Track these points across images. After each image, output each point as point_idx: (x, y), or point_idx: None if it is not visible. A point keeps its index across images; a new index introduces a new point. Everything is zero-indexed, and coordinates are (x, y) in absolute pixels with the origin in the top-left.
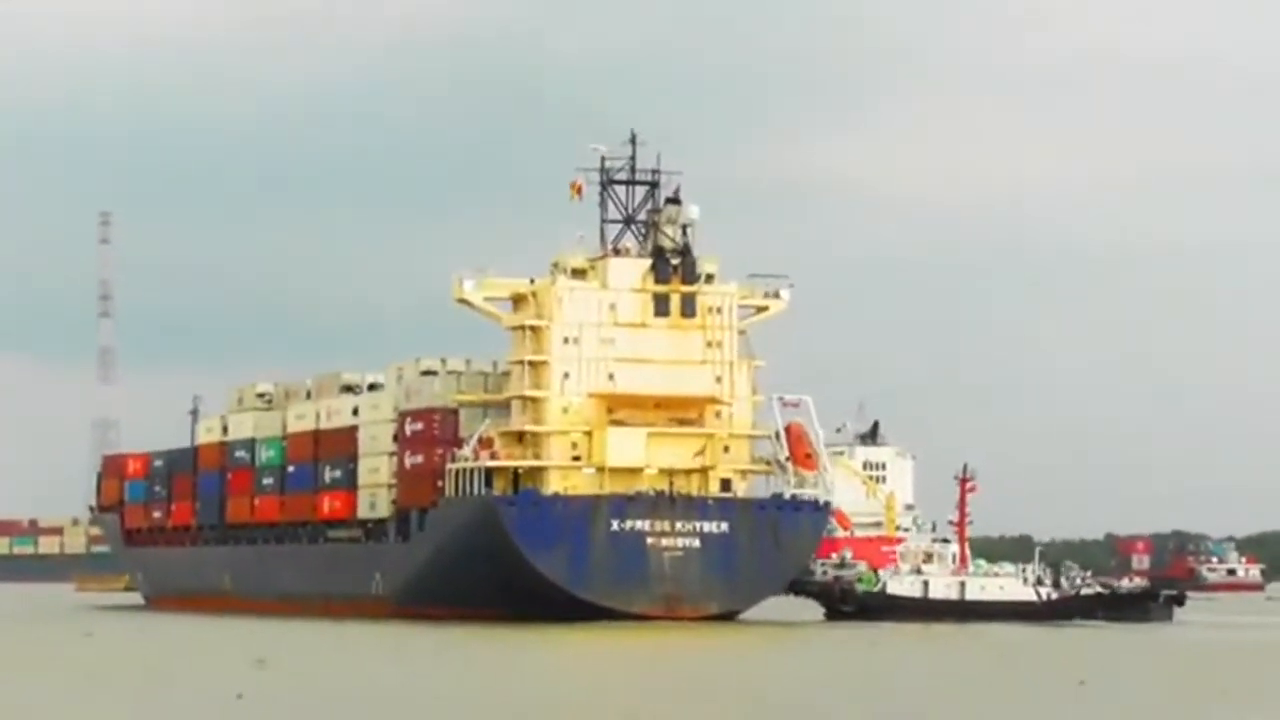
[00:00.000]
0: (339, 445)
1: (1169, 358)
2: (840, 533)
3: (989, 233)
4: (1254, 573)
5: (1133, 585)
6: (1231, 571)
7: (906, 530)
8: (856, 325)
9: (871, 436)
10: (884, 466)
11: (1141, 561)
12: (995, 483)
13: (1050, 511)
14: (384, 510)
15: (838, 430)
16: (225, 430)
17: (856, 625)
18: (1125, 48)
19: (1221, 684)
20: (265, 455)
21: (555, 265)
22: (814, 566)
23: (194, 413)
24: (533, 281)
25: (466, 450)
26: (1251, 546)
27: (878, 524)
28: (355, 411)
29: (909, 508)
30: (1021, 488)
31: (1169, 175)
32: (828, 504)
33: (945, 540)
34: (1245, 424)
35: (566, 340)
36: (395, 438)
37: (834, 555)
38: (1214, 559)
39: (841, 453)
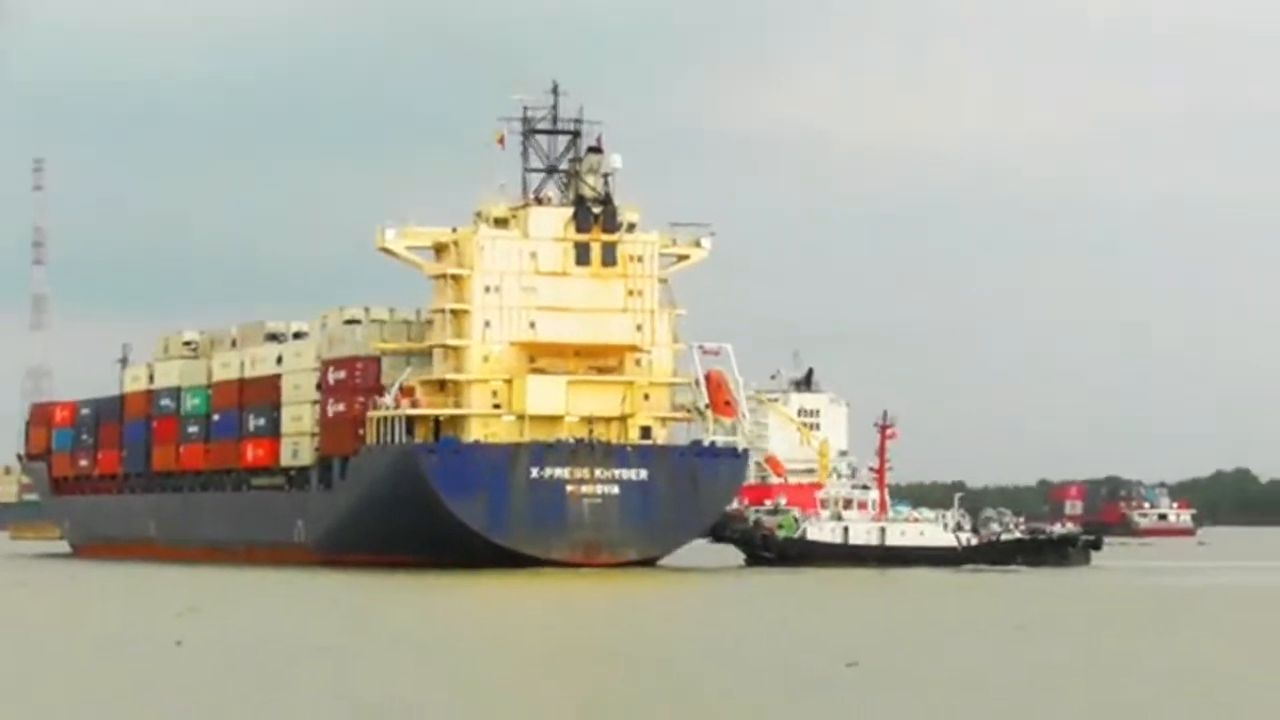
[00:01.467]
0: (263, 393)
1: (1103, 306)
2: (774, 479)
3: (919, 181)
4: (1185, 518)
5: (1064, 530)
6: (1163, 517)
7: (852, 477)
8: (780, 274)
9: (806, 383)
10: (818, 413)
11: (1074, 507)
12: (929, 430)
13: (984, 458)
14: (307, 458)
15: (772, 377)
16: (151, 379)
17: (776, 571)
18: None
19: (1155, 625)
20: (190, 404)
21: (477, 214)
22: (747, 513)
23: (123, 361)
24: (455, 230)
25: (388, 398)
26: (1184, 492)
27: (811, 470)
28: (279, 360)
29: (843, 454)
30: (955, 435)
31: (1110, 125)
32: (746, 451)
33: (865, 487)
34: (1179, 371)
35: (488, 289)
36: (318, 386)
37: (767, 502)
38: (1146, 504)
39: (776, 399)
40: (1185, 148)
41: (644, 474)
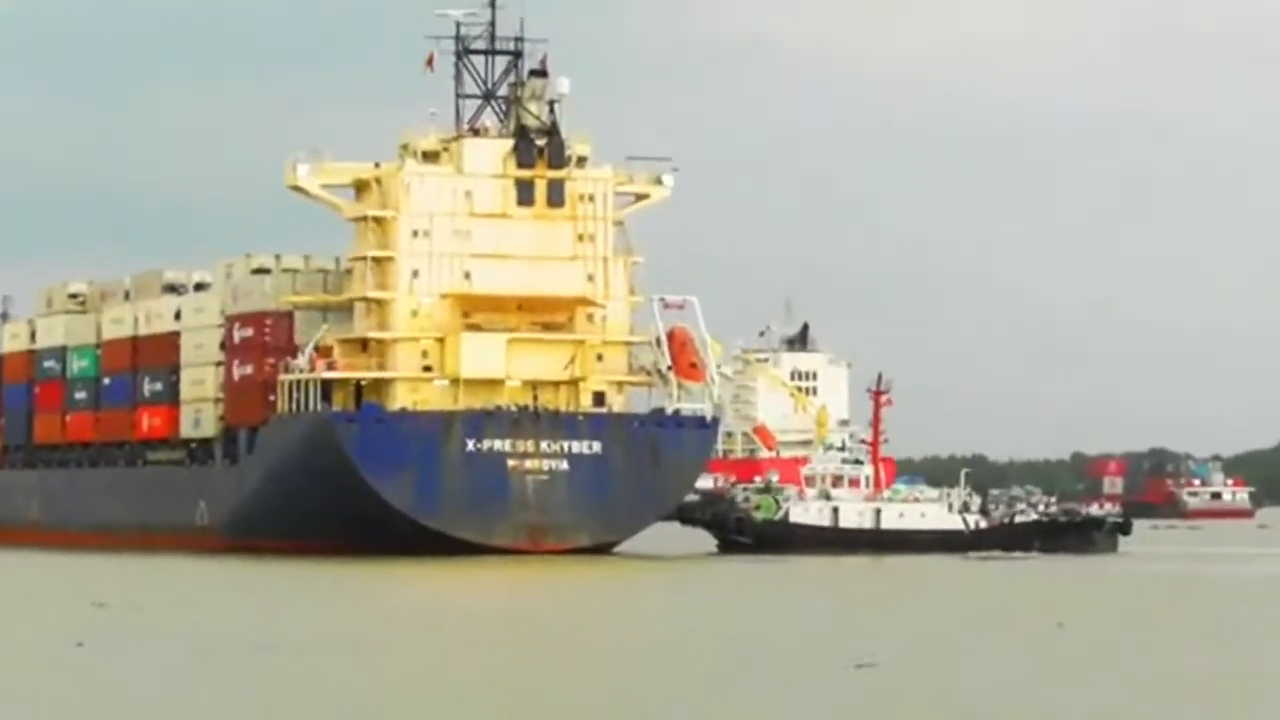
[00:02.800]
0: (159, 354)
1: (1143, 258)
2: (764, 453)
3: (926, 105)
4: (1242, 496)
5: (1087, 511)
6: (1216, 495)
7: (842, 450)
8: (760, 215)
9: (800, 341)
10: (815, 376)
11: (1114, 485)
12: (945, 395)
13: (1008, 428)
14: (210, 429)
15: (761, 333)
16: (33, 337)
17: (754, 559)
18: None
19: (1212, 625)
20: (77, 366)
21: (404, 147)
22: (733, 492)
23: (2, 316)
24: (377, 166)
25: (302, 359)
26: (1239, 467)
27: (808, 442)
28: (178, 315)
29: (844, 423)
30: (975, 402)
31: (1132, 40)
32: (716, 420)
33: (858, 461)
34: (1231, 328)
35: (416, 233)
36: (222, 345)
37: (758, 478)
38: (1196, 481)
39: (766, 360)
40: (1244, 72)
41: (597, 446)
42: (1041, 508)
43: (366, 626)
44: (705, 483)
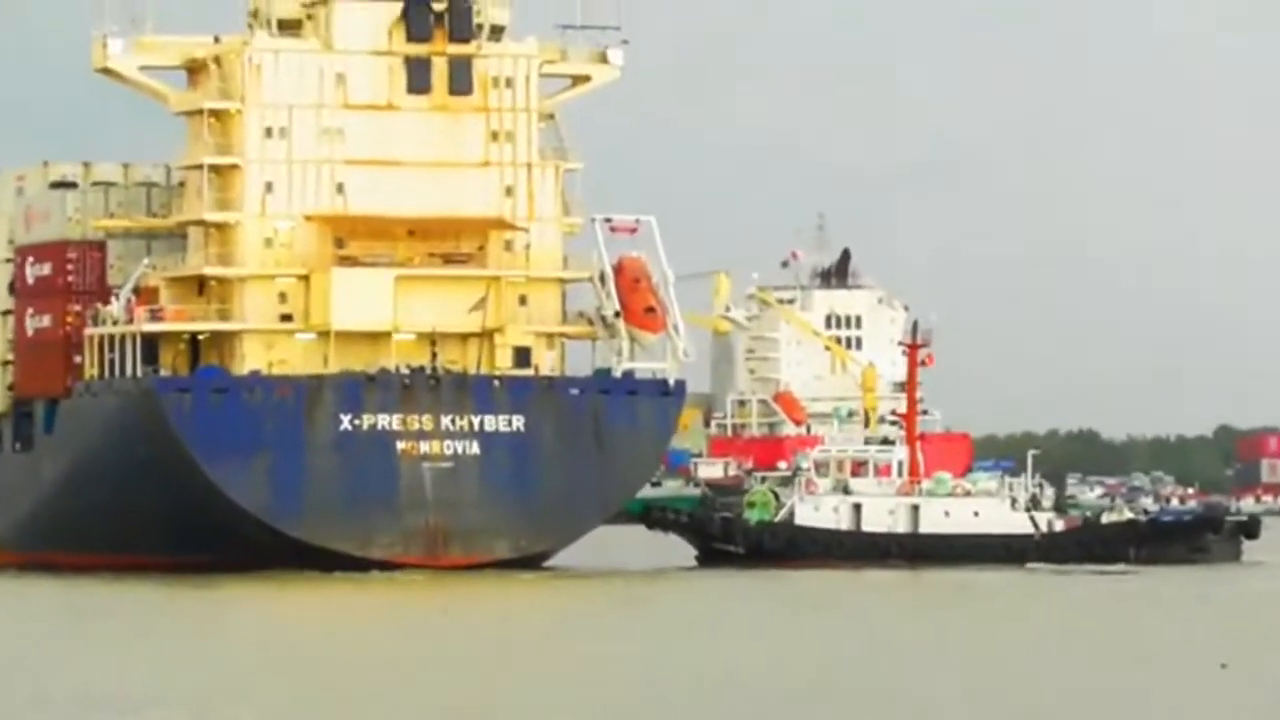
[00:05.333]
0: None
1: None
2: (790, 428)
3: None
4: None
5: (1257, 508)
6: None
7: (894, 422)
8: (753, 102)
9: (839, 275)
10: (858, 322)
11: (1275, 469)
12: (1038, 349)
13: (1129, 395)
14: None
15: (784, 264)
16: None
17: (748, 574)
18: None
19: None
20: None
21: (253, 15)
22: (749, 483)
23: None
24: (217, 40)
25: (117, 306)
26: None
27: (851, 413)
28: None
29: (899, 387)
30: (1082, 362)
31: None
32: (681, 384)
33: (886, 441)
34: None
35: (269, 132)
36: (12, 287)
37: (782, 464)
38: None
39: (791, 301)
40: None
41: (519, 422)
42: (1175, 502)
43: (186, 674)
44: (712, 470)
